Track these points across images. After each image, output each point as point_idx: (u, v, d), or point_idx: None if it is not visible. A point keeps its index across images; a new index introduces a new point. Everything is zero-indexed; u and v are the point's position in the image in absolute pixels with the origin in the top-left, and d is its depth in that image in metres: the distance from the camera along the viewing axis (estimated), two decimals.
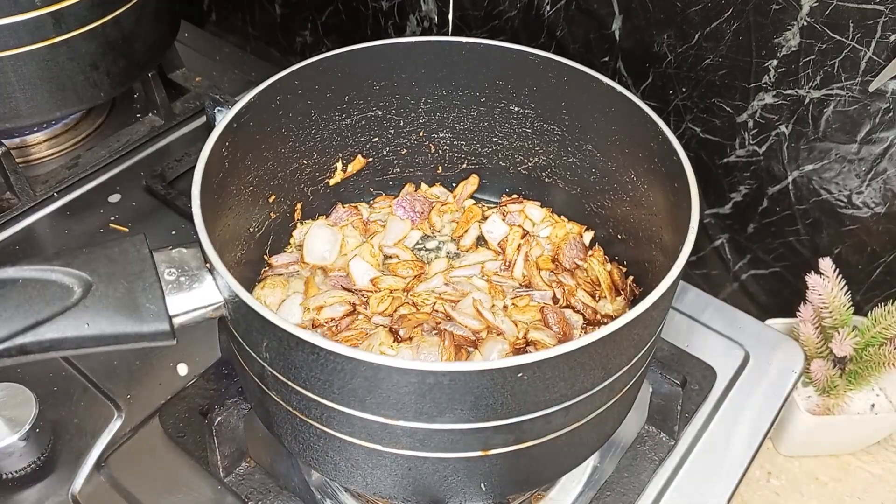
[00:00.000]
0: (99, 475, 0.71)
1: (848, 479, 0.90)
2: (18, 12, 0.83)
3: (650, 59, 0.87)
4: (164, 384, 0.78)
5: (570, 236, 0.78)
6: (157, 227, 0.94)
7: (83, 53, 0.91)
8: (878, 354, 0.82)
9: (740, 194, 0.91)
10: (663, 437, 0.75)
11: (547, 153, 0.79)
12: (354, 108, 0.77)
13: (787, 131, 0.83)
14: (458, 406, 0.50)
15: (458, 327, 0.68)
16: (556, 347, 0.48)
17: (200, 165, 0.60)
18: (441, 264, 0.77)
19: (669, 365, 0.75)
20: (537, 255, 0.77)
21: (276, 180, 0.75)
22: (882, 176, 0.80)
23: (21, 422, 0.68)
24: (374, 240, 0.79)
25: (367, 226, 0.81)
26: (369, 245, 0.77)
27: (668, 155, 0.63)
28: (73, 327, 0.52)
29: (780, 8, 0.76)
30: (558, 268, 0.77)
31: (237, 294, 0.51)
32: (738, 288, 0.98)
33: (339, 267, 0.76)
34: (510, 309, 0.72)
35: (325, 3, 1.14)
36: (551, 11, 0.91)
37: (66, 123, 1.08)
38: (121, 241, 0.56)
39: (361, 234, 0.80)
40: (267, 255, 0.76)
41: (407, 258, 0.78)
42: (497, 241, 0.80)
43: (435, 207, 0.83)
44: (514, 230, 0.79)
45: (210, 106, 0.98)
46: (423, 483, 0.58)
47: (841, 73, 0.76)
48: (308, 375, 0.52)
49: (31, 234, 0.94)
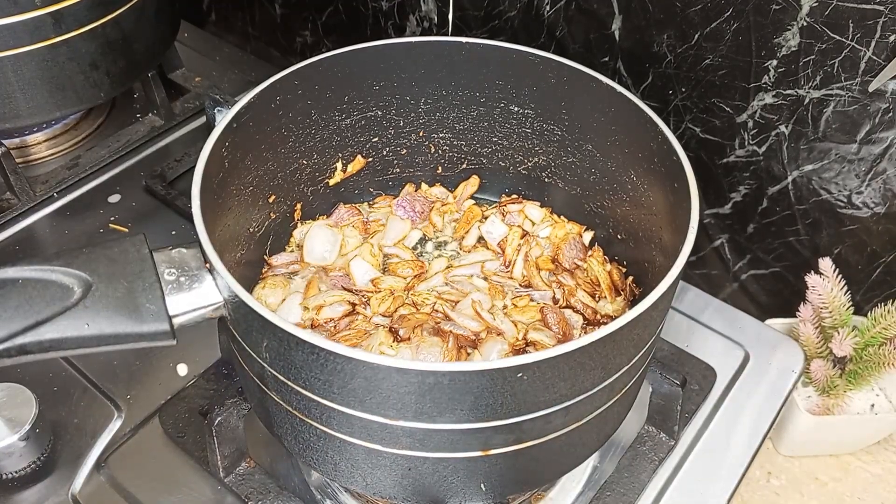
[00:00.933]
0: (99, 475, 0.71)
1: (848, 479, 0.90)
2: (18, 12, 0.83)
3: (650, 59, 0.87)
4: (164, 384, 0.78)
5: (570, 236, 0.78)
6: (157, 227, 0.94)
7: (83, 53, 0.91)
8: (878, 354, 0.82)
9: (740, 194, 0.91)
10: (663, 437, 0.75)
11: (547, 153, 0.79)
12: (354, 108, 0.77)
13: (786, 131, 0.83)
14: (457, 406, 0.50)
15: (457, 327, 0.68)
16: (556, 347, 0.48)
17: (200, 165, 0.60)
18: (441, 263, 0.77)
19: (669, 365, 0.75)
20: (537, 256, 0.77)
21: (276, 180, 0.75)
22: (882, 176, 0.80)
23: (21, 422, 0.68)
24: (374, 239, 0.79)
25: (367, 226, 0.81)
26: (369, 245, 0.77)
27: (668, 155, 0.63)
28: (73, 327, 0.52)
29: (779, 8, 0.76)
30: (558, 268, 0.77)
31: (237, 294, 0.51)
32: (738, 288, 0.98)
33: (340, 267, 0.76)
34: (510, 309, 0.72)
35: (325, 3, 1.14)
36: (551, 11, 0.91)
37: (66, 123, 1.08)
38: (121, 241, 0.56)
39: (361, 234, 0.80)
40: (267, 256, 0.76)
41: (407, 258, 0.78)
42: (496, 241, 0.80)
43: (435, 208, 0.83)
44: (513, 230, 0.79)
45: (210, 106, 0.98)
46: (423, 483, 0.58)
47: (841, 73, 0.76)
48: (308, 375, 0.52)
49: (31, 234, 0.94)
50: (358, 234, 0.80)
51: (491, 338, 0.67)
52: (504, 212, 0.82)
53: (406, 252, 0.78)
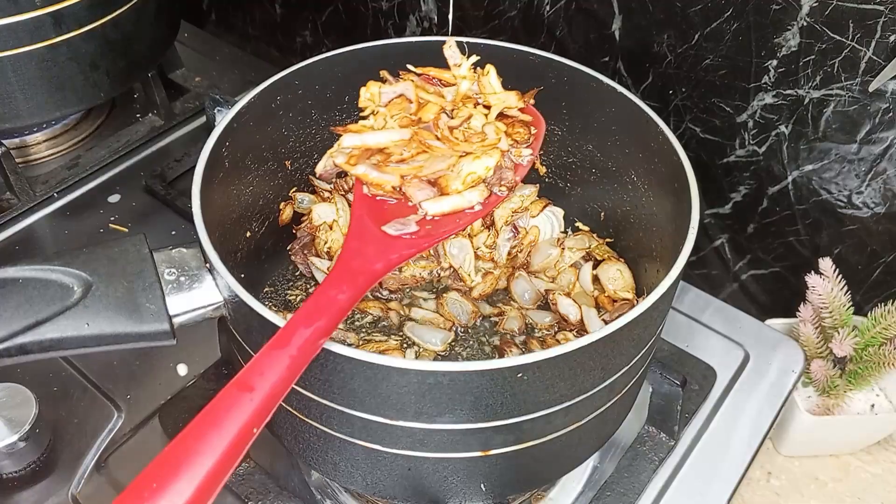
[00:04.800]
0: (99, 475, 0.71)
1: (848, 479, 0.90)
2: (18, 12, 0.83)
3: (650, 59, 0.87)
4: (164, 384, 0.78)
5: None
6: (157, 227, 0.94)
7: (83, 54, 0.91)
8: (878, 354, 0.82)
9: (740, 194, 0.91)
10: (663, 437, 0.75)
11: (547, 153, 0.79)
12: (354, 108, 0.77)
13: (786, 131, 0.83)
14: (457, 406, 0.50)
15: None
16: (557, 347, 0.48)
17: (200, 165, 0.60)
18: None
19: (669, 365, 0.75)
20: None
21: (277, 180, 0.75)
22: (882, 176, 0.80)
23: (21, 422, 0.68)
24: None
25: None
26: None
27: (668, 155, 0.63)
28: (73, 327, 0.52)
29: (779, 8, 0.76)
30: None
31: (237, 294, 0.51)
32: (738, 288, 0.98)
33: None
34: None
35: (325, 3, 1.14)
36: (551, 11, 0.91)
37: (66, 123, 1.08)
38: (121, 241, 0.56)
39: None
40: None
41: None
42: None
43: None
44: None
45: (210, 106, 0.98)
46: (423, 483, 0.58)
47: (841, 73, 0.76)
48: (308, 375, 0.52)
49: (31, 234, 0.94)
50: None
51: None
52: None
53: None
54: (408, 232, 0.58)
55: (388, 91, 0.64)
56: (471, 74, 0.64)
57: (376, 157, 0.62)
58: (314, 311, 0.48)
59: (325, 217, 0.77)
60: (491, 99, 0.64)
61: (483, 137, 0.62)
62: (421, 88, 0.64)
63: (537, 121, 0.65)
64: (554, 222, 0.80)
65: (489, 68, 0.64)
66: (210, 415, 0.42)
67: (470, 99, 0.64)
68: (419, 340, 0.73)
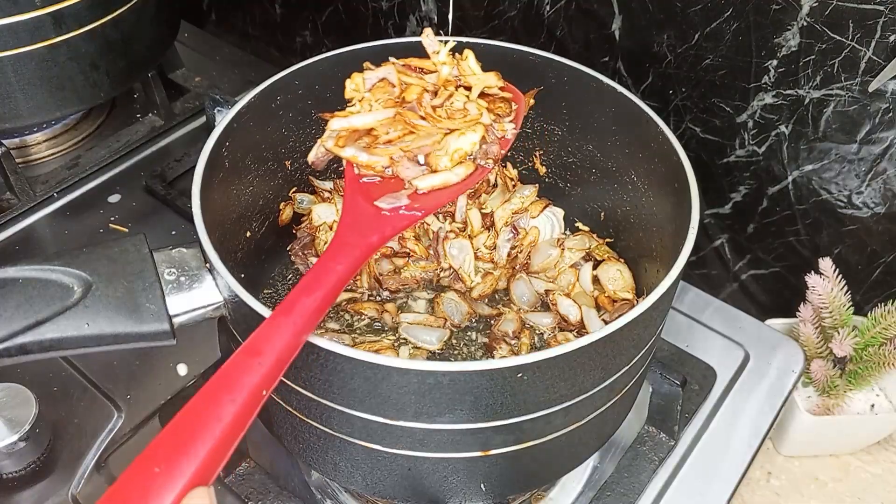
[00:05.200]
0: (99, 475, 0.71)
1: (848, 479, 0.90)
2: (18, 12, 0.83)
3: (650, 59, 0.87)
4: (164, 384, 0.78)
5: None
6: (157, 227, 0.94)
7: (83, 53, 0.91)
8: (878, 354, 0.82)
9: (740, 194, 0.91)
10: (663, 437, 0.75)
11: (547, 153, 0.79)
12: None
13: (786, 131, 0.83)
14: (457, 406, 0.50)
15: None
16: (557, 347, 0.48)
17: (200, 165, 0.60)
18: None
19: (669, 365, 0.75)
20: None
21: (277, 180, 0.75)
22: (882, 176, 0.80)
23: (21, 422, 0.68)
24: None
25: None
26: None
27: (668, 155, 0.63)
28: (73, 327, 0.52)
29: (779, 8, 0.76)
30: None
31: (237, 294, 0.51)
32: (738, 288, 0.98)
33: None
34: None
35: (325, 3, 1.14)
36: (551, 11, 0.91)
37: (66, 123, 1.08)
38: (121, 241, 0.56)
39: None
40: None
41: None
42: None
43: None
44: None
45: (210, 106, 0.98)
46: (423, 483, 0.58)
47: (841, 73, 0.76)
48: (308, 375, 0.52)
49: (31, 234, 0.94)
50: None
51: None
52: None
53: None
54: (400, 205, 0.59)
55: (370, 76, 0.65)
56: (450, 60, 0.65)
57: (364, 140, 0.63)
58: (314, 282, 0.50)
59: (325, 217, 0.77)
60: (471, 80, 0.65)
61: (465, 113, 0.63)
62: (402, 73, 0.65)
63: (517, 97, 0.66)
64: (554, 223, 0.80)
65: (467, 52, 0.66)
66: (222, 378, 0.44)
67: (451, 82, 0.65)
68: (415, 340, 0.73)
